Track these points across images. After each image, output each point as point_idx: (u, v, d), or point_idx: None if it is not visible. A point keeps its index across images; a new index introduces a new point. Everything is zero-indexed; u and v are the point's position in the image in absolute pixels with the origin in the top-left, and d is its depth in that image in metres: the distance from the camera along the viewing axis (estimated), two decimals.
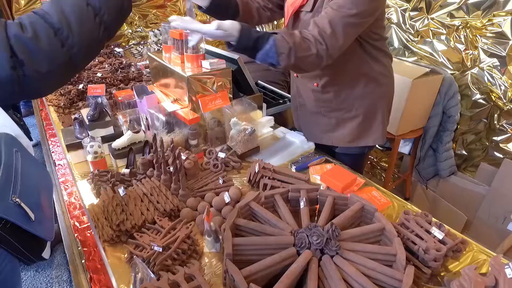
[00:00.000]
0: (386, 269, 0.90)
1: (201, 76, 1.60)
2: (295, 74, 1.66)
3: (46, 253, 1.21)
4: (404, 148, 2.57)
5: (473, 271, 0.86)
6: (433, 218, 1.13)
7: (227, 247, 0.90)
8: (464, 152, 2.31)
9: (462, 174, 2.34)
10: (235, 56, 1.78)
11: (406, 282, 0.84)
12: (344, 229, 1.02)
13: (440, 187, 2.43)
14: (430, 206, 2.49)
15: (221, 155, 1.49)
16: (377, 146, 2.88)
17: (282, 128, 1.82)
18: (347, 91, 1.51)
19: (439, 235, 1.04)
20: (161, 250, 0.94)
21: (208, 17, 4.27)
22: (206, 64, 1.65)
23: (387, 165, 2.72)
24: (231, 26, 1.12)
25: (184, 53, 1.69)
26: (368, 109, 1.54)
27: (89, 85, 1.81)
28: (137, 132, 1.57)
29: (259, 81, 2.26)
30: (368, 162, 2.97)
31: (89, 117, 1.57)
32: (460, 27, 2.07)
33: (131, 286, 0.91)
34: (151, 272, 0.84)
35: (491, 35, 1.95)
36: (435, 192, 2.48)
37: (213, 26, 1.10)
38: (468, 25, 2.02)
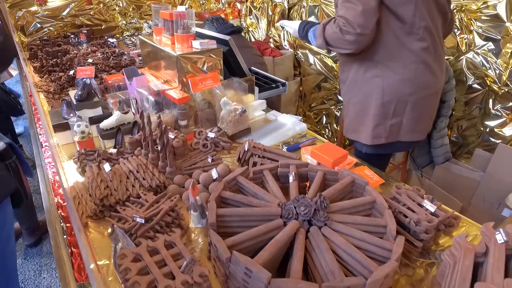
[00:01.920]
0: (375, 239, 0.87)
1: (191, 55, 1.57)
2: None
3: None
4: None
5: (464, 239, 0.83)
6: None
7: (211, 217, 0.87)
8: (459, 139, 2.29)
9: (457, 161, 2.32)
10: (226, 37, 1.75)
11: (396, 251, 0.82)
12: (334, 202, 1.00)
13: (435, 174, 2.41)
14: (425, 193, 2.46)
15: (211, 135, 1.46)
16: None
17: (274, 111, 1.79)
18: (358, 74, 1.47)
19: (431, 208, 1.02)
20: (143, 222, 0.91)
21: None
22: (196, 44, 1.62)
23: None
24: (294, 25, 1.59)
25: (175, 34, 1.66)
26: (363, 100, 1.49)
27: (78, 68, 1.78)
28: (126, 113, 1.54)
29: (252, 68, 2.23)
30: None
31: (76, 97, 1.53)
32: (455, 10, 2.04)
33: (112, 258, 0.88)
34: (130, 241, 0.81)
35: (486, 18, 1.93)
36: (430, 179, 2.46)
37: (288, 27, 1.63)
38: (463, 8, 2.00)
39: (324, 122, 3.28)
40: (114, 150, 1.38)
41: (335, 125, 3.19)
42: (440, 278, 0.89)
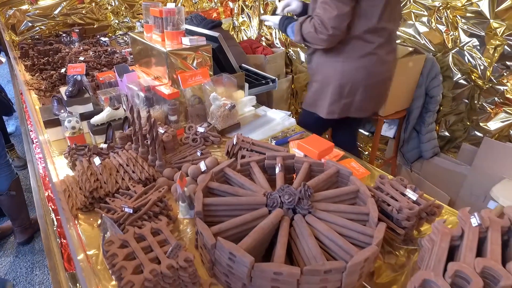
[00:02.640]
0: (357, 225, 0.90)
1: (181, 51, 1.59)
2: None
3: None
4: (389, 132, 2.58)
5: (442, 224, 0.86)
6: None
7: (198, 205, 0.89)
8: (446, 134, 2.33)
9: (444, 155, 2.36)
10: (215, 34, 1.77)
11: (377, 237, 0.85)
12: (319, 191, 1.02)
13: (424, 168, 2.45)
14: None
15: (201, 130, 1.48)
16: (363, 131, 2.90)
17: (264, 107, 1.82)
18: (322, 58, 1.68)
19: (413, 196, 1.05)
20: (131, 212, 0.93)
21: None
22: (186, 41, 1.64)
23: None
24: (275, 19, 1.72)
25: (165, 30, 1.68)
26: (324, 79, 1.69)
27: (69, 65, 1.79)
28: (117, 108, 1.55)
29: (243, 64, 2.25)
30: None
31: (67, 93, 1.54)
32: (440, 8, 2.08)
33: (101, 247, 0.90)
34: (118, 229, 0.83)
35: (470, 15, 1.97)
36: (419, 174, 2.50)
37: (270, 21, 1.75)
38: (449, 5, 2.04)
39: None
40: (104, 145, 1.40)
41: None
42: (420, 262, 0.92)
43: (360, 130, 2.90)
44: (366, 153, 2.92)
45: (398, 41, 2.35)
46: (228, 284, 0.83)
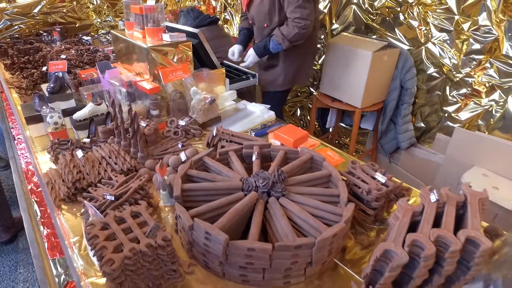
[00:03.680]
0: (328, 206, 0.96)
1: (162, 47, 1.62)
2: None
3: None
4: (368, 124, 2.67)
5: (405, 202, 0.93)
6: None
7: (176, 190, 0.94)
8: (422, 125, 2.43)
9: (421, 146, 2.46)
10: (195, 30, 1.81)
11: (345, 215, 0.91)
12: (293, 176, 1.08)
13: (402, 159, 2.55)
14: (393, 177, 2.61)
15: (182, 123, 1.52)
16: (343, 124, 2.98)
17: (244, 101, 1.87)
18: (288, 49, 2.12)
19: (382, 179, 1.12)
20: (113, 199, 0.97)
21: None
22: (166, 37, 1.68)
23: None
24: (250, 53, 2.11)
25: (145, 27, 1.71)
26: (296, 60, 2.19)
27: (50, 62, 1.79)
28: (99, 104, 1.58)
29: (224, 61, 2.30)
30: (336, 141, 3.07)
31: (48, 89, 1.56)
32: (413, 4, 2.18)
33: (84, 233, 0.93)
34: (99, 214, 0.87)
35: (440, 11, 2.07)
36: (398, 164, 2.60)
37: (249, 60, 2.12)
38: (420, 1, 2.14)
39: (298, 114, 3.39)
40: (87, 140, 1.42)
41: (308, 117, 3.30)
42: (387, 239, 0.99)
43: (341, 124, 2.99)
44: (347, 146, 3.01)
45: (374, 36, 2.44)
46: (206, 263, 0.88)
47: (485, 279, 0.83)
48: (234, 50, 2.20)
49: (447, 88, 2.19)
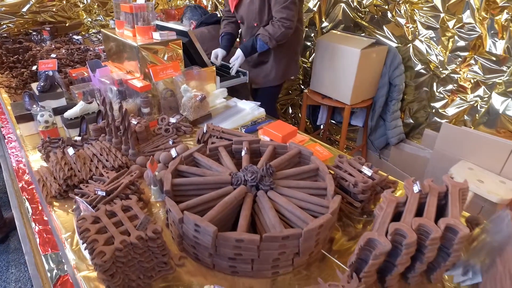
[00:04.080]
0: (315, 198, 0.99)
1: (152, 45, 1.63)
2: None
3: None
4: (358, 120, 2.71)
5: (389, 193, 0.96)
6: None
7: (166, 184, 0.96)
8: (411, 121, 2.48)
9: (410, 141, 2.51)
10: (185, 29, 1.83)
11: (331, 207, 0.94)
12: (282, 170, 1.11)
13: (392, 155, 2.60)
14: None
15: (173, 120, 1.54)
16: (334, 121, 3.02)
17: (234, 99, 1.89)
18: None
19: (368, 172, 1.15)
20: (104, 194, 0.98)
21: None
22: (156, 36, 1.69)
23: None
24: (239, 54, 2.11)
25: (136, 26, 1.72)
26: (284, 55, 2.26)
27: (40, 61, 1.79)
28: (90, 103, 1.59)
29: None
30: (327, 138, 3.11)
31: (39, 88, 1.56)
32: (400, 2, 2.22)
33: (75, 229, 0.94)
34: (91, 208, 0.88)
35: (426, 9, 2.11)
36: (388, 160, 2.64)
37: (238, 61, 2.12)
38: (407, 0, 2.18)
39: (290, 112, 3.42)
40: (78, 138, 1.43)
41: (300, 115, 3.33)
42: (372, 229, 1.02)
43: (332, 121, 3.02)
44: (338, 143, 3.04)
45: (362, 34, 2.48)
46: (196, 255, 0.90)
47: (464, 265, 0.86)
48: (218, 54, 2.22)
49: (434, 84, 2.23)
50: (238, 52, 2.11)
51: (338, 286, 0.73)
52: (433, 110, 2.29)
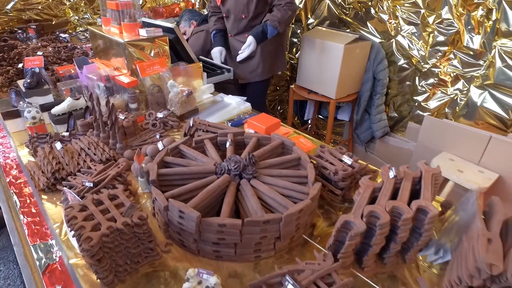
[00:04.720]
0: (296, 186, 1.03)
1: (138, 42, 1.65)
2: None
3: None
4: (344, 115, 2.77)
5: (367, 179, 1.01)
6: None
7: (152, 174, 0.99)
8: (395, 114, 2.54)
9: (394, 134, 2.58)
10: (171, 25, 1.85)
11: (311, 193, 0.98)
12: (265, 160, 1.15)
13: (377, 148, 2.66)
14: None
15: (160, 115, 1.56)
16: (321, 116, 3.07)
17: (221, 94, 1.92)
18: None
19: (348, 161, 1.19)
20: (92, 185, 1.01)
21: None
22: (143, 32, 1.71)
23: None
24: (251, 40, 2.10)
25: (122, 23, 1.74)
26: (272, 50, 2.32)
27: (25, 58, 1.80)
28: (78, 99, 1.60)
29: (200, 56, 2.35)
30: (314, 132, 3.16)
31: (25, 85, 1.57)
32: None
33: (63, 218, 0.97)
34: (78, 197, 0.91)
35: (408, 5, 2.17)
36: (373, 153, 2.71)
37: (250, 48, 2.12)
38: None
39: (278, 108, 3.46)
40: (66, 133, 1.45)
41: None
42: None
43: (319, 116, 3.08)
44: (325, 137, 3.10)
45: (347, 30, 2.53)
46: (181, 242, 0.94)
47: (436, 244, 0.91)
48: (221, 53, 2.26)
49: (417, 78, 2.30)
50: (250, 39, 2.09)
51: (314, 264, 0.77)
52: (416, 104, 2.36)
